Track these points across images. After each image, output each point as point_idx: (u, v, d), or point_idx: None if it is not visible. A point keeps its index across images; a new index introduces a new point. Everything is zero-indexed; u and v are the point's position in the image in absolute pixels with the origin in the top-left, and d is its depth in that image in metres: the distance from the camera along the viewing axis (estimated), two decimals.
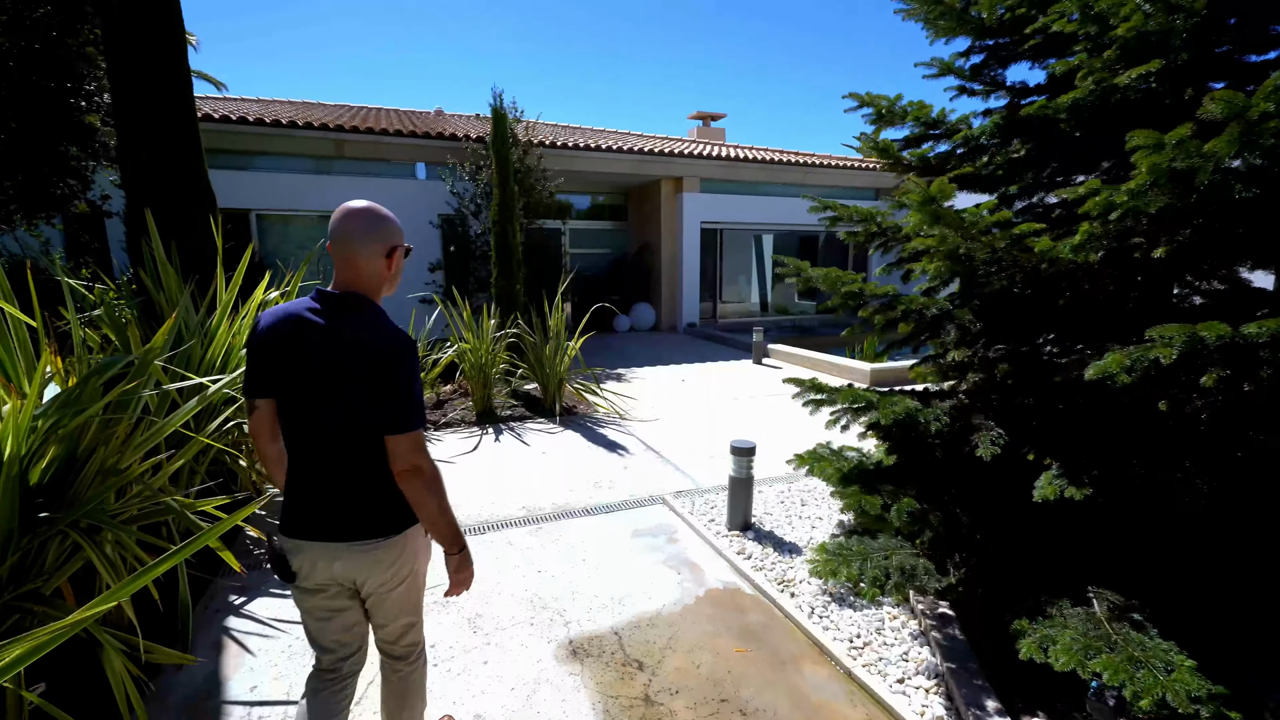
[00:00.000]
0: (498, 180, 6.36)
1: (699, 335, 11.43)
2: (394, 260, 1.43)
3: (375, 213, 1.40)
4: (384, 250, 1.40)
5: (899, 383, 7.26)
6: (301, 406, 1.34)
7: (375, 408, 1.29)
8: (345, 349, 1.30)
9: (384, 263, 1.41)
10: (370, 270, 1.39)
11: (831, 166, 12.46)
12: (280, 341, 1.33)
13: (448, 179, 8.87)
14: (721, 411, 5.93)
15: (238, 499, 3.10)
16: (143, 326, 3.28)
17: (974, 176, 2.74)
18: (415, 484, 1.32)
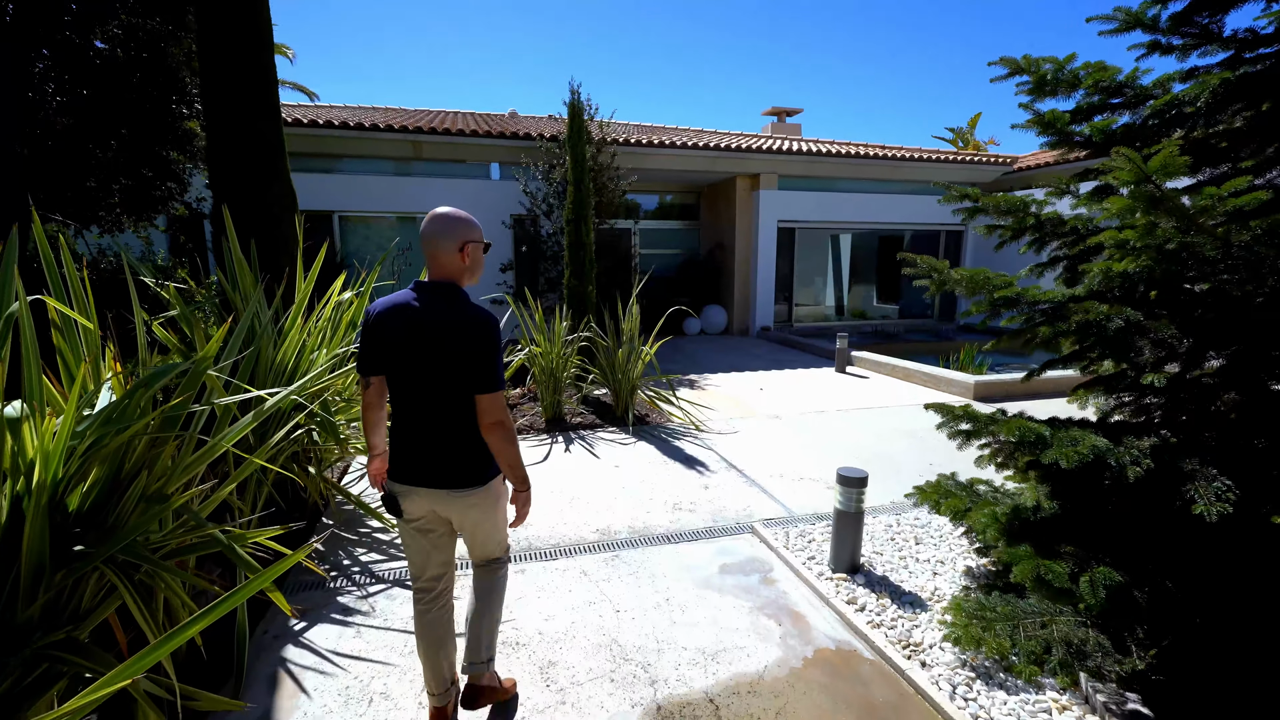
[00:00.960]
0: (573, 177, 6.13)
1: (773, 340, 10.86)
2: (467, 253, 1.71)
3: (451, 216, 1.71)
4: (457, 245, 1.69)
5: (1007, 398, 6.48)
6: (408, 378, 1.66)
7: (466, 373, 1.61)
8: (440, 328, 1.61)
9: (459, 256, 1.70)
10: (449, 262, 1.69)
11: (923, 160, 11.54)
12: (388, 327, 1.65)
13: (521, 178, 8.78)
14: (806, 426, 5.42)
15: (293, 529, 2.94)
16: (216, 327, 3.19)
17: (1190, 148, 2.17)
18: (497, 434, 1.65)
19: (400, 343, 1.63)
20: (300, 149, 8.68)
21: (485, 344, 1.61)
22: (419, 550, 1.80)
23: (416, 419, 1.68)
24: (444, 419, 1.66)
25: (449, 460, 1.69)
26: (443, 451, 1.68)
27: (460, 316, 1.62)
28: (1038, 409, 5.59)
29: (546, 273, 9.00)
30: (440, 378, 1.62)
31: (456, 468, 1.70)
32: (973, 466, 4.14)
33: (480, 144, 9.29)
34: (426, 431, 1.68)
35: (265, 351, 3.03)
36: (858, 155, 11.10)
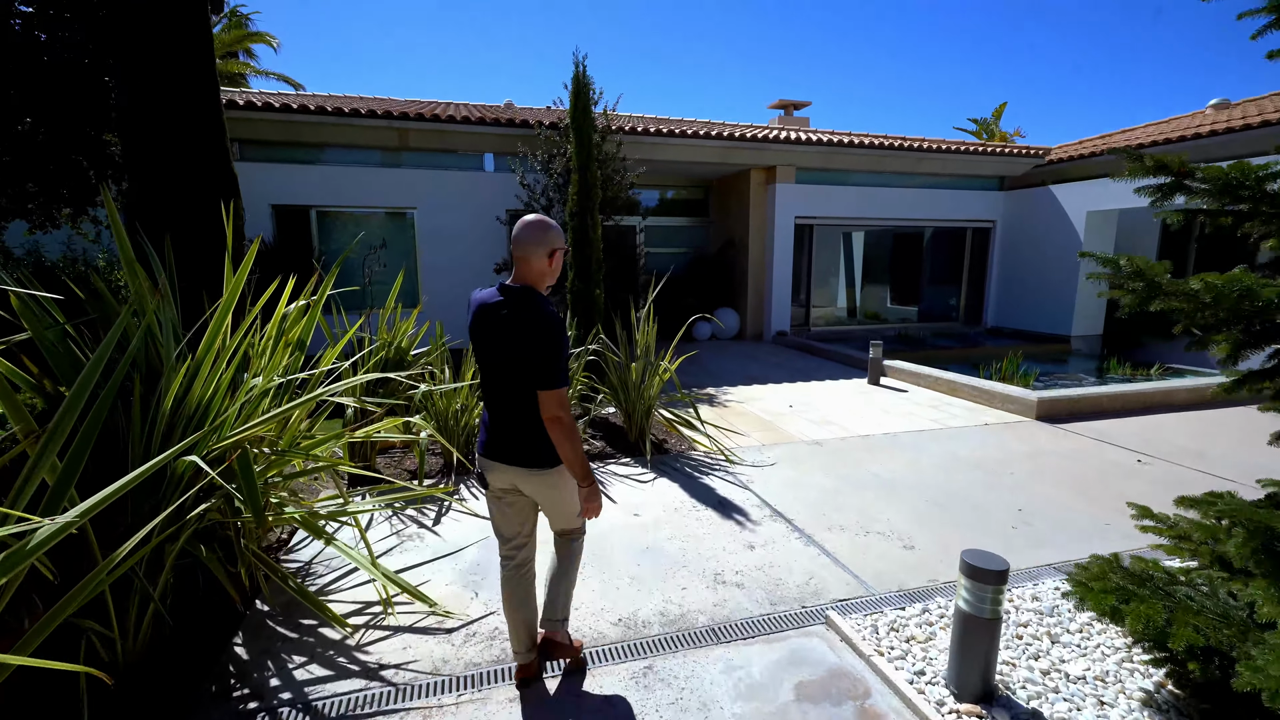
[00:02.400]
0: (577, 163, 5.29)
1: (791, 345, 10.05)
2: (554, 260, 1.86)
3: (543, 224, 1.85)
4: (547, 252, 1.84)
5: (1071, 416, 5.67)
6: (488, 370, 1.87)
7: (531, 370, 1.77)
8: (518, 327, 1.77)
9: (546, 262, 1.84)
10: (537, 267, 1.84)
11: (948, 151, 10.74)
12: (475, 324, 1.86)
13: (517, 169, 7.94)
14: (853, 455, 4.61)
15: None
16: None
17: None
18: (556, 430, 1.79)
19: (482, 338, 1.84)
20: (272, 137, 7.84)
21: (549, 345, 1.75)
22: (503, 519, 2.03)
23: (496, 405, 1.88)
24: (518, 407, 1.83)
25: (524, 442, 1.85)
26: (518, 435, 1.85)
27: (532, 318, 1.76)
28: (1120, 430, 4.75)
29: None
30: (512, 372, 1.80)
31: (531, 449, 1.85)
32: (1079, 510, 3.31)
33: (473, 132, 8.45)
34: (504, 416, 1.87)
35: (173, 385, 2.20)
36: (879, 146, 10.29)
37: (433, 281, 8.81)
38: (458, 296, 8.69)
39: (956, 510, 3.61)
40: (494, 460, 1.89)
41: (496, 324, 1.78)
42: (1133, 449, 4.79)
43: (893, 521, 3.45)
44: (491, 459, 1.90)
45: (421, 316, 8.91)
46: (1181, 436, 5.12)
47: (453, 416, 4.25)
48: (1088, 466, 4.39)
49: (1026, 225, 11.18)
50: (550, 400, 1.74)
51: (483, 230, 8.82)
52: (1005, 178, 11.64)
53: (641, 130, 8.97)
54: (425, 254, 8.74)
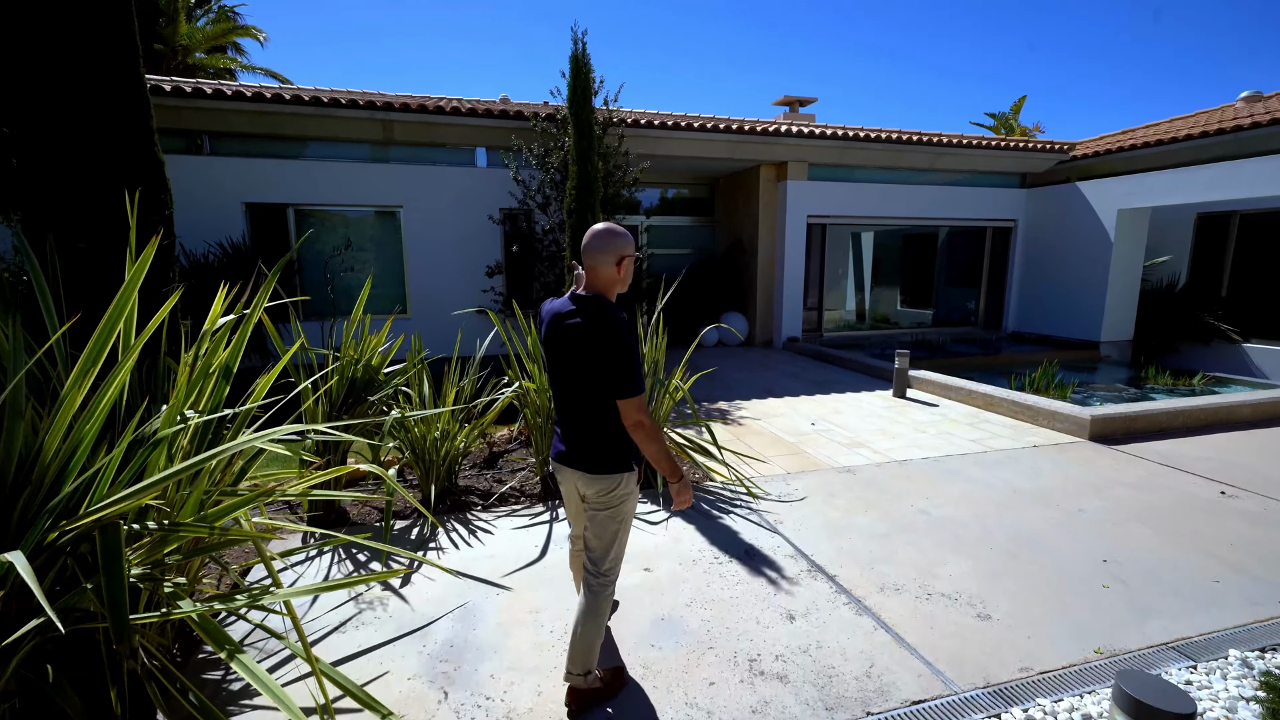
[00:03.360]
0: (576, 153, 4.70)
1: (804, 353, 9.45)
2: (623, 267, 1.89)
3: (610, 231, 1.88)
4: (615, 260, 1.87)
5: (1128, 436, 5.06)
6: (565, 379, 1.94)
7: (608, 379, 1.82)
8: (590, 337, 1.82)
9: (615, 269, 1.88)
10: (606, 275, 1.88)
11: (968, 146, 10.15)
12: (545, 332, 1.94)
13: (511, 164, 7.35)
14: (891, 486, 4.01)
15: None
16: None
17: None
18: (639, 435, 1.86)
19: (554, 348, 1.92)
20: (245, 129, 7.24)
21: (624, 354, 1.79)
22: (570, 513, 2.22)
23: (568, 412, 1.97)
24: (589, 414, 1.90)
25: (591, 448, 1.93)
26: (587, 441, 1.94)
27: (604, 327, 1.80)
28: (1185, 452, 4.15)
29: (542, 276, 7.57)
30: (586, 381, 1.86)
31: (596, 454, 1.93)
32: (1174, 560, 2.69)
33: (463, 124, 7.85)
34: (575, 423, 1.95)
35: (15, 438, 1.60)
36: (896, 140, 9.70)
37: (422, 286, 8.21)
38: (448, 301, 8.10)
39: (1030, 561, 3.01)
40: (563, 465, 2.01)
41: (569, 334, 1.85)
42: (1209, 477, 4.19)
43: (957, 578, 2.86)
44: (561, 463, 2.02)
45: (410, 324, 8.35)
46: (1257, 459, 4.53)
47: (431, 445, 3.65)
48: (1165, 500, 3.79)
49: (1050, 224, 10.59)
50: (630, 408, 1.81)
51: (475, 230, 8.22)
52: (1026, 175, 11.05)
53: (645, 123, 8.38)
54: (413, 256, 8.14)
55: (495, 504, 3.75)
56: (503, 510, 3.67)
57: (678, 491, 1.95)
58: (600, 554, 2.02)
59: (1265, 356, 8.90)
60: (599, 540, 2.01)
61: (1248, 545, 3.20)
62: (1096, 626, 2.49)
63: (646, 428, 1.83)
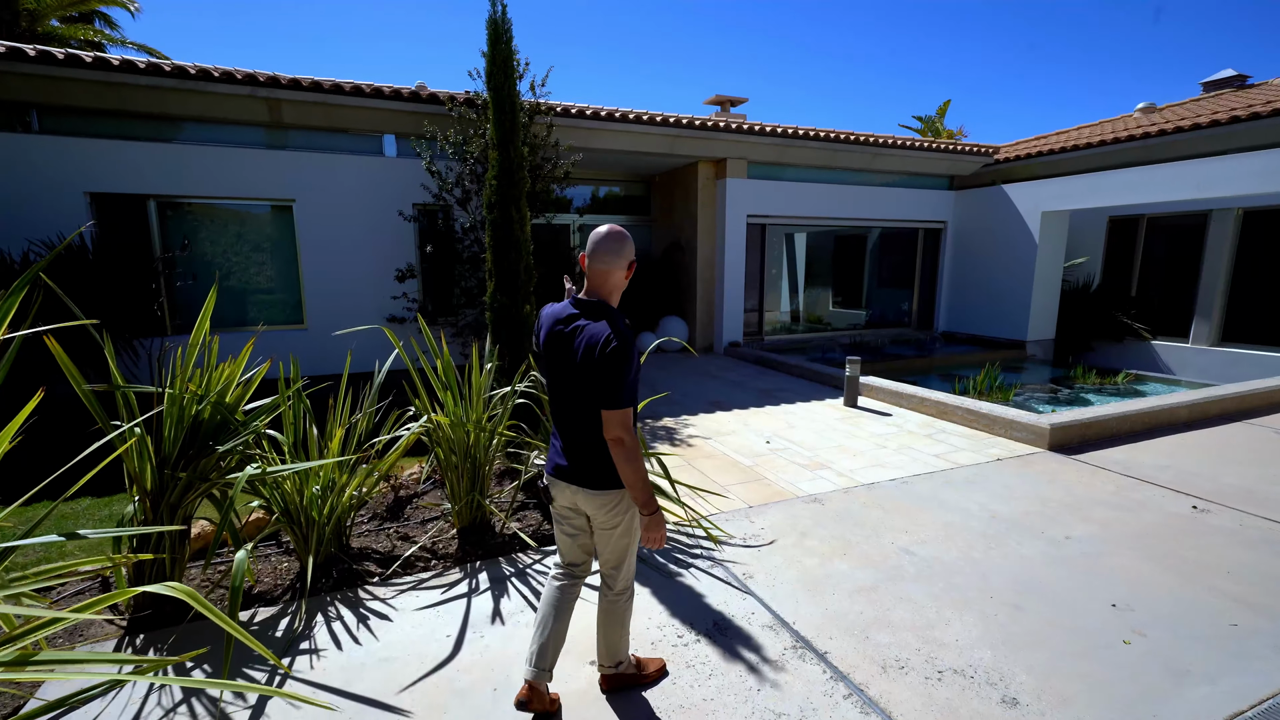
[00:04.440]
0: (496, 136, 3.97)
1: (746, 358, 9.08)
2: (631, 272, 1.87)
3: (621, 235, 1.83)
4: (626, 265, 1.84)
5: (1088, 444, 4.92)
6: (561, 387, 1.85)
7: (594, 387, 1.72)
8: (588, 343, 1.73)
9: (625, 275, 1.86)
10: (615, 280, 1.85)
11: (902, 148, 10.14)
12: (549, 340, 1.84)
13: (424, 154, 6.46)
14: (865, 517, 3.56)
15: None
16: None
17: None
18: (617, 452, 1.73)
19: (552, 354, 1.84)
20: (90, 103, 5.96)
21: (616, 363, 1.68)
22: (561, 537, 2.04)
23: (564, 423, 1.89)
24: (584, 425, 1.81)
25: (588, 462, 1.83)
26: (583, 454, 1.84)
27: (603, 334, 1.71)
28: (1142, 460, 3.95)
29: (464, 281, 6.74)
30: (580, 389, 1.77)
31: (593, 469, 1.83)
32: (1181, 597, 2.38)
33: (367, 107, 6.87)
34: (571, 435, 1.86)
35: None
36: (835, 139, 9.52)
37: (321, 292, 7.14)
38: (352, 311, 7.09)
39: (1037, 612, 2.61)
40: (558, 479, 1.91)
41: (570, 340, 1.78)
42: (1175, 489, 4.03)
43: (965, 645, 2.39)
44: (556, 478, 1.92)
45: (307, 337, 7.26)
46: (1209, 465, 4.45)
47: (310, 502, 2.84)
48: (1145, 522, 3.55)
49: (978, 226, 10.79)
50: (612, 420, 1.71)
51: (384, 228, 7.24)
52: (955, 177, 11.24)
53: (576, 112, 7.70)
54: (309, 258, 7.06)
55: (399, 571, 2.97)
56: (407, 580, 2.91)
57: (648, 526, 1.79)
58: (615, 555, 1.95)
59: (1171, 353, 9.38)
60: (613, 555, 1.95)
61: (1243, 572, 2.96)
62: (1135, 698, 2.08)
63: (627, 446, 1.72)
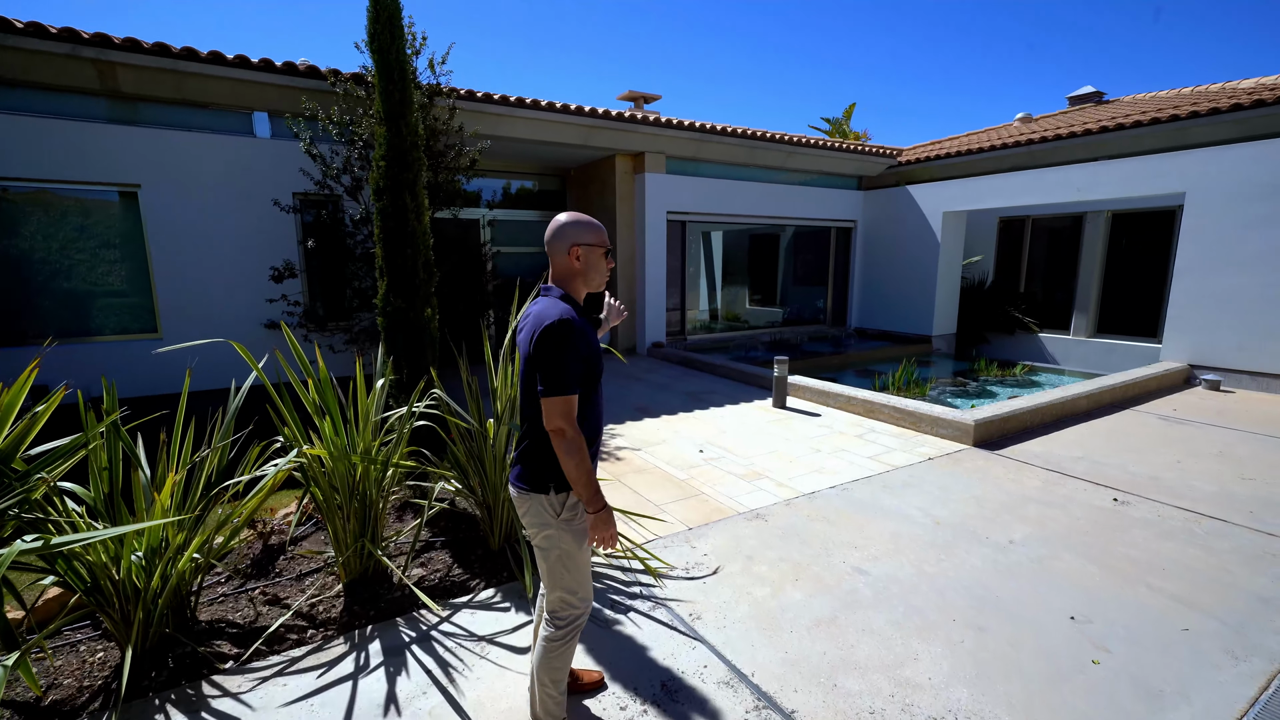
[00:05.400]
0: (383, 109, 3.34)
1: (670, 359, 8.81)
2: (579, 257, 1.72)
3: (567, 220, 1.74)
4: (566, 249, 1.72)
5: (1007, 438, 5.02)
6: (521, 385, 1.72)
7: (536, 374, 1.61)
8: (530, 327, 1.64)
9: (569, 260, 1.72)
10: (561, 266, 1.74)
11: (817, 147, 10.29)
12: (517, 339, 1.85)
13: (304, 134, 5.60)
14: (812, 533, 3.31)
15: None
16: None
17: None
18: (558, 443, 1.59)
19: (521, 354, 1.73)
20: None
21: (551, 345, 1.57)
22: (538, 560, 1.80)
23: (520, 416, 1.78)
24: (527, 417, 1.72)
25: (522, 457, 1.73)
26: (521, 448, 1.74)
27: (542, 317, 1.61)
28: (1058, 454, 4.02)
29: (357, 280, 5.94)
30: (527, 380, 1.68)
31: (524, 465, 1.72)
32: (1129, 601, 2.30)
33: (230, 78, 5.88)
34: (520, 429, 1.77)
35: None
36: (753, 136, 9.47)
37: (178, 294, 6.05)
38: (220, 316, 6.08)
39: (1001, 633, 2.43)
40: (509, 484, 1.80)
41: (521, 331, 1.72)
42: (1093, 480, 4.13)
43: (939, 683, 2.15)
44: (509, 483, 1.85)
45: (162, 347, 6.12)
46: (1116, 455, 4.65)
47: (135, 573, 2.14)
48: (1077, 518, 3.56)
49: (885, 225, 11.19)
50: (552, 409, 1.58)
51: (257, 221, 6.26)
52: (863, 178, 11.59)
53: (482, 96, 7.05)
54: (162, 254, 5.96)
55: (262, 650, 2.34)
56: (273, 662, 2.28)
57: (595, 525, 1.65)
58: (551, 579, 1.76)
59: (1055, 345, 10.14)
60: (546, 578, 1.77)
61: (1172, 568, 2.97)
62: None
63: (568, 437, 1.59)
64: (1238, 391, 6.85)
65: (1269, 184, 6.70)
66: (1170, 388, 6.96)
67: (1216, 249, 7.11)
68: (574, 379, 1.59)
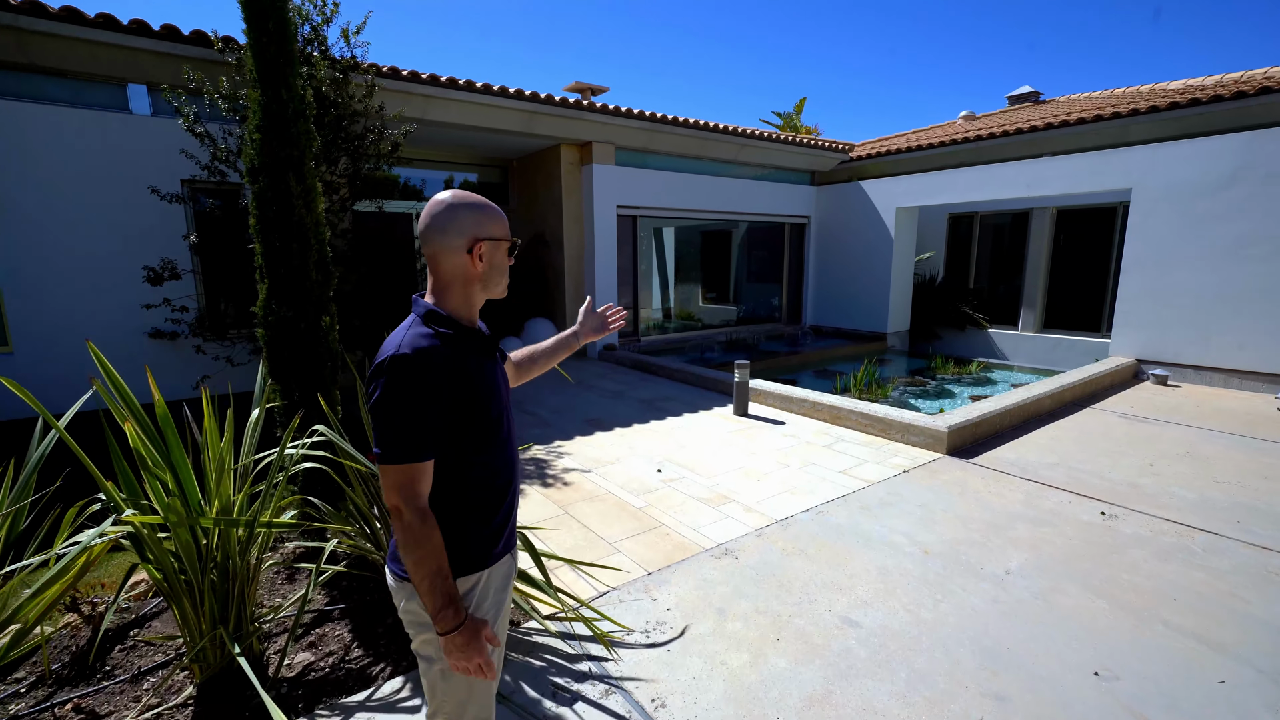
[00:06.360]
0: (256, 67, 2.66)
1: (624, 363, 8.29)
2: (480, 256, 1.22)
3: (455, 202, 1.21)
4: (465, 244, 1.21)
5: (980, 444, 4.75)
6: None
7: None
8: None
9: (467, 259, 1.21)
10: (450, 268, 1.22)
11: (770, 140, 9.97)
12: None
13: (186, 109, 4.76)
14: (795, 576, 2.86)
15: None
16: None
17: None
18: (395, 527, 1.14)
19: None
20: None
21: (377, 391, 1.12)
22: None
23: None
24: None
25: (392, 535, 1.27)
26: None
27: (383, 349, 1.17)
28: (1034, 461, 3.75)
29: None
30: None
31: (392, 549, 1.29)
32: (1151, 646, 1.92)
33: (92, 40, 4.95)
34: None
35: None
36: (703, 128, 9.04)
37: (35, 300, 5.08)
38: (92, 327, 5.15)
39: (1023, 702, 2.03)
40: None
41: None
42: (1075, 491, 3.87)
43: None
44: None
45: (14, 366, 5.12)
46: (1090, 460, 4.44)
47: None
48: (1070, 539, 3.25)
49: (839, 221, 11.01)
50: (385, 480, 1.13)
51: (134, 212, 5.34)
52: (816, 173, 11.39)
53: (408, 75, 6.31)
54: (8, 253, 4.98)
55: None
56: None
57: (448, 649, 1.15)
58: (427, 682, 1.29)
59: (1004, 340, 10.20)
60: (428, 694, 1.30)
61: (1183, 596, 2.68)
62: None
63: (404, 521, 1.12)
64: (1184, 386, 6.92)
65: (1209, 181, 6.77)
66: (1121, 384, 6.96)
67: (1162, 245, 7.16)
68: (419, 438, 1.13)
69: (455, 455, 1.20)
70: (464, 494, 1.24)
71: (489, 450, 1.25)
